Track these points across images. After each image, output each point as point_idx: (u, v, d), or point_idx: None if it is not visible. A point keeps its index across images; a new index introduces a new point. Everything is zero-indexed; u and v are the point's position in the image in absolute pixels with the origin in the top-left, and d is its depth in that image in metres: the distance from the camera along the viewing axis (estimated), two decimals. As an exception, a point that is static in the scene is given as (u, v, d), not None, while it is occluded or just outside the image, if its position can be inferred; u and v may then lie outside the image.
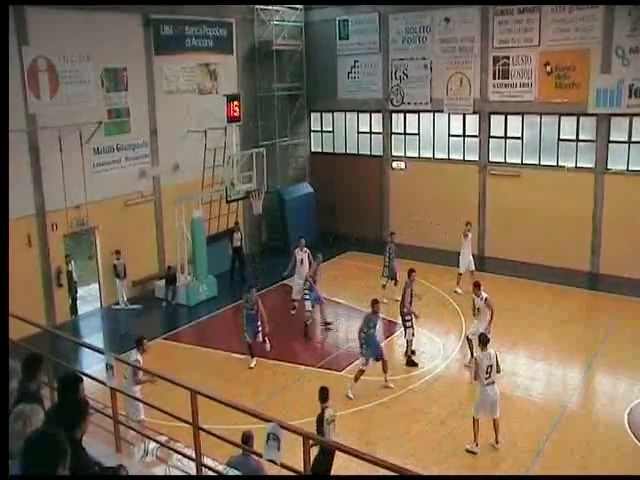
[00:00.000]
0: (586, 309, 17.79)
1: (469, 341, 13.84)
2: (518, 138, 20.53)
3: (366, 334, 12.99)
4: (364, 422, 12.10)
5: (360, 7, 22.67)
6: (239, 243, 19.87)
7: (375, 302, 13.23)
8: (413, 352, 14.34)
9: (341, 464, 10.10)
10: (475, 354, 12.34)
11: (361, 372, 12.88)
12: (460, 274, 18.16)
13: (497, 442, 11.00)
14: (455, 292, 17.94)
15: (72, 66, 16.71)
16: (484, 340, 11.10)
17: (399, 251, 18.32)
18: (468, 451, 10.90)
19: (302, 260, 17.11)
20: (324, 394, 9.55)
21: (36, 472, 3.43)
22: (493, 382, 10.90)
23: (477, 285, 13.68)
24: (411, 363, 14.15)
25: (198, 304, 18.27)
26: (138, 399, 9.56)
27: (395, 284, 17.46)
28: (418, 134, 22.62)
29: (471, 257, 18.44)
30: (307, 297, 16.12)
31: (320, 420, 9.35)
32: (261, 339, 14.62)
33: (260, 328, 14.47)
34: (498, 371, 11.02)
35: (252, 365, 14.33)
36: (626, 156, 18.76)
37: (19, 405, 4.74)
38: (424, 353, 14.74)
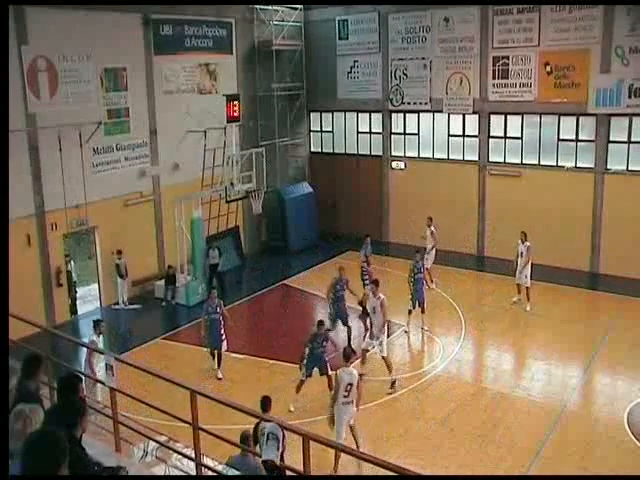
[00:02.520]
0: (586, 309, 17.79)
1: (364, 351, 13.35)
2: (518, 138, 20.53)
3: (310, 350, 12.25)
4: (364, 422, 12.08)
5: (360, 7, 22.67)
6: (216, 261, 18.74)
7: (320, 323, 12.51)
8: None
9: (341, 464, 10.12)
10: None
11: (302, 383, 12.26)
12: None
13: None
14: (432, 288, 17.63)
15: (72, 66, 16.71)
16: (347, 355, 10.55)
17: (399, 251, 18.32)
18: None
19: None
20: (265, 404, 8.61)
21: (36, 472, 3.42)
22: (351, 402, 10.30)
23: (376, 283, 13.29)
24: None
25: (197, 304, 18.24)
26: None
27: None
28: (418, 134, 22.62)
29: (433, 252, 18.56)
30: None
31: (255, 430, 8.04)
32: (226, 347, 13.86)
33: (224, 336, 13.75)
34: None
35: (220, 376, 13.69)
36: (626, 156, 18.77)
37: (19, 405, 4.74)
38: (424, 353, 14.75)
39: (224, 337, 13.79)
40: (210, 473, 6.35)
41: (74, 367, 11.60)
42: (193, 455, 6.19)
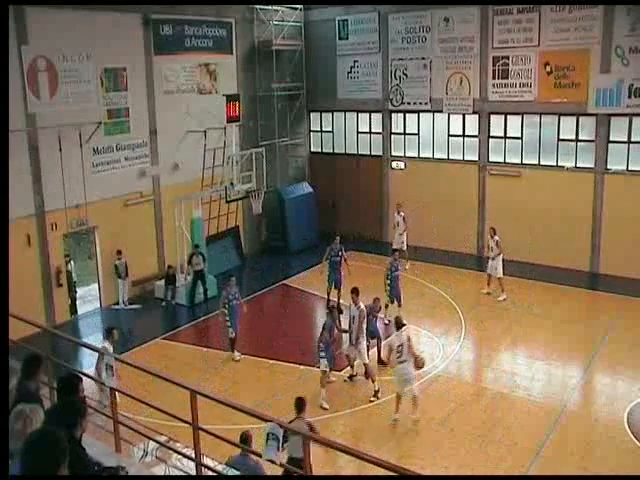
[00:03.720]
0: (586, 309, 17.79)
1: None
2: (518, 138, 20.53)
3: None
4: (364, 422, 12.10)
5: (360, 7, 22.66)
6: (200, 267, 18.33)
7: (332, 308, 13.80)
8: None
9: (341, 464, 10.13)
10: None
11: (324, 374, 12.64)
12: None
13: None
14: (405, 269, 18.43)
15: (72, 66, 16.71)
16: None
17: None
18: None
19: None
20: (301, 405, 8.98)
21: (36, 472, 3.42)
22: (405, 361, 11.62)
23: (356, 292, 13.34)
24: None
25: (197, 304, 18.26)
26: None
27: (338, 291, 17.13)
28: (418, 134, 22.62)
29: (404, 238, 19.88)
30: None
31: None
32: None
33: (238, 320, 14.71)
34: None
35: (238, 358, 14.56)
36: (626, 156, 18.76)
37: (19, 405, 4.74)
38: (424, 353, 14.72)
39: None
40: (210, 473, 6.35)
41: (74, 367, 11.61)
42: (193, 455, 6.19)
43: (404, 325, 12.22)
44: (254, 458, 7.11)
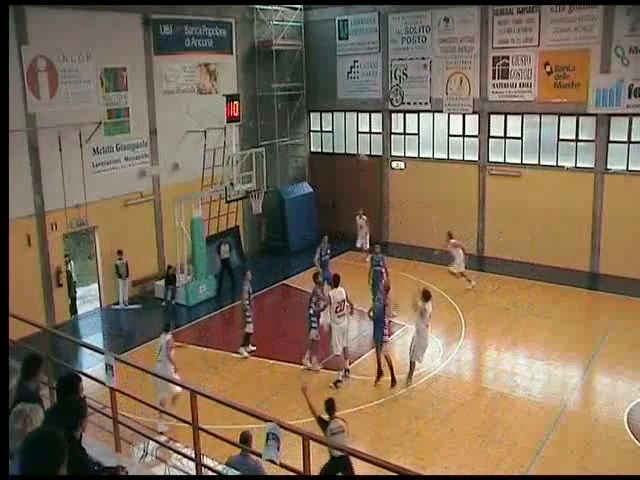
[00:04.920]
0: (586, 309, 17.79)
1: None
2: (518, 138, 20.53)
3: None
4: (364, 422, 12.09)
5: (360, 7, 22.66)
6: (227, 255, 19.48)
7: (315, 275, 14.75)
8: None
9: (341, 464, 10.11)
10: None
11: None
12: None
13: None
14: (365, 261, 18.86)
15: (72, 66, 16.71)
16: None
17: (399, 251, 18.32)
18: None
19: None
20: (330, 406, 9.30)
21: (35, 471, 3.41)
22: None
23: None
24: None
25: (197, 304, 18.26)
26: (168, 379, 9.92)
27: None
28: (418, 134, 22.62)
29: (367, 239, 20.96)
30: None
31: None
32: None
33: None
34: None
35: (246, 355, 14.81)
36: (626, 156, 18.76)
37: (19, 405, 4.74)
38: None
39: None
40: (210, 473, 6.35)
41: (74, 367, 11.62)
42: (193, 455, 6.19)
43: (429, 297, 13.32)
44: (254, 458, 7.11)
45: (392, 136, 23.18)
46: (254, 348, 14.98)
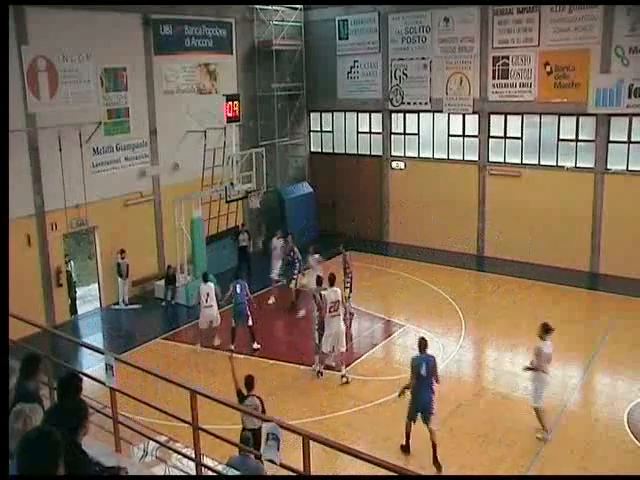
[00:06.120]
0: (586, 309, 17.79)
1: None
2: (518, 138, 20.52)
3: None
4: (364, 422, 12.09)
5: (360, 7, 22.66)
6: (245, 243, 19.97)
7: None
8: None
9: (341, 464, 10.12)
10: None
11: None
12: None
13: None
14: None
15: (72, 66, 16.70)
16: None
17: (399, 252, 18.30)
18: None
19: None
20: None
21: (32, 471, 3.40)
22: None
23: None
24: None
25: (197, 304, 18.21)
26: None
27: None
28: (418, 134, 22.62)
29: None
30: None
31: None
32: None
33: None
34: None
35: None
36: (626, 156, 18.76)
37: (18, 404, 4.74)
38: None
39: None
40: (210, 473, 6.35)
41: (74, 367, 11.61)
42: (193, 455, 6.19)
43: None
44: (254, 458, 7.11)
45: (392, 136, 23.18)
46: (259, 346, 15.01)
